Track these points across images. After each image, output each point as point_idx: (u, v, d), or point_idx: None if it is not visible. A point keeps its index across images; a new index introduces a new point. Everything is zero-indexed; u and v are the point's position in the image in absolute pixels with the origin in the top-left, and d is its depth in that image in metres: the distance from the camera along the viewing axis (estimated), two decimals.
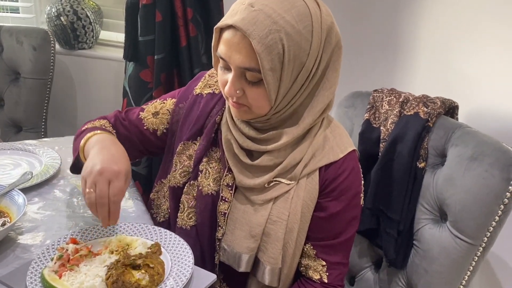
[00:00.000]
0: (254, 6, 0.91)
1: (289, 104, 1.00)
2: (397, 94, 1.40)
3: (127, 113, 1.25)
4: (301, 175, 1.05)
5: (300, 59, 0.94)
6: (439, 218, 1.26)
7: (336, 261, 1.09)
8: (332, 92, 1.03)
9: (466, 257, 1.18)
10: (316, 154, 1.05)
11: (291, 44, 0.91)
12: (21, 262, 1.00)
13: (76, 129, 1.24)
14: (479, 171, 1.15)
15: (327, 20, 0.97)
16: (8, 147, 1.48)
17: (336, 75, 1.03)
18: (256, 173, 1.06)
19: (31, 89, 2.29)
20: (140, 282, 0.90)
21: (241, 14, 0.91)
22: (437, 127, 1.29)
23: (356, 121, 1.44)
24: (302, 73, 0.96)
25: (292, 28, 0.91)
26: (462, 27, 1.61)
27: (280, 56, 0.91)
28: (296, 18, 0.92)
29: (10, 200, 1.13)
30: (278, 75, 0.93)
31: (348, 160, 1.07)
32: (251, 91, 0.97)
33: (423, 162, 1.29)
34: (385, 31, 1.88)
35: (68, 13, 2.39)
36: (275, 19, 0.90)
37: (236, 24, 0.90)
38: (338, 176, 1.05)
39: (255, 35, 0.89)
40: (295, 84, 0.97)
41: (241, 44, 0.92)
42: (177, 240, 1.05)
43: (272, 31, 0.90)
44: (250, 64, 0.92)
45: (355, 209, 1.08)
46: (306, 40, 0.93)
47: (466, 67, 1.60)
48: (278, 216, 1.04)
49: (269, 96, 0.95)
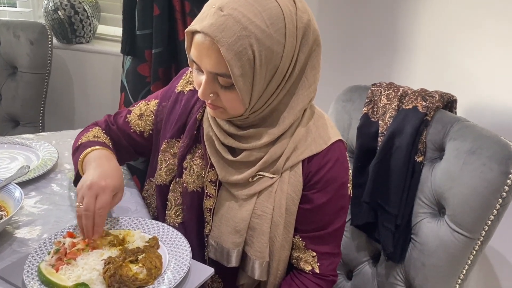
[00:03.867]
0: (223, 10, 0.88)
1: (265, 104, 0.98)
2: (395, 88, 1.39)
3: (115, 117, 1.26)
4: (284, 168, 1.04)
5: (273, 62, 0.92)
6: (437, 212, 1.26)
7: (326, 251, 1.09)
8: (312, 90, 1.01)
9: (464, 251, 1.18)
10: (298, 146, 1.04)
11: (262, 49, 0.89)
12: (18, 256, 1.00)
13: (73, 124, 1.25)
14: (478, 164, 1.15)
15: (303, 18, 0.94)
16: (5, 141, 1.47)
17: (315, 73, 1.01)
18: (239, 168, 1.05)
19: (28, 84, 2.28)
20: (138, 276, 0.90)
21: (210, 19, 0.89)
22: (435, 121, 1.28)
23: (354, 115, 1.44)
24: (277, 75, 0.94)
25: (263, 33, 0.89)
26: (461, 21, 1.61)
27: (250, 62, 0.89)
28: (267, 22, 0.89)
29: (7, 194, 1.12)
30: (250, 80, 0.92)
31: (332, 151, 1.05)
32: (224, 94, 0.95)
33: (421, 156, 1.28)
34: (383, 25, 1.88)
35: (66, 7, 2.38)
36: (244, 24, 0.87)
37: (204, 31, 0.89)
38: (321, 168, 1.04)
39: (223, 42, 0.87)
40: (270, 85, 0.95)
41: (211, 50, 0.90)
42: (174, 234, 1.05)
43: (242, 37, 0.87)
44: (221, 70, 0.91)
45: (342, 199, 1.07)
46: (279, 43, 0.91)
47: (464, 61, 1.60)
48: (262, 210, 1.04)
49: (242, 99, 0.94)
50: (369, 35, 1.94)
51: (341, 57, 2.14)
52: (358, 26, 1.95)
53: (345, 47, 2.09)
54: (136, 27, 1.86)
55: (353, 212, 1.41)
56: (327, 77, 2.29)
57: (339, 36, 2.13)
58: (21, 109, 2.31)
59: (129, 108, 1.24)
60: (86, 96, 2.63)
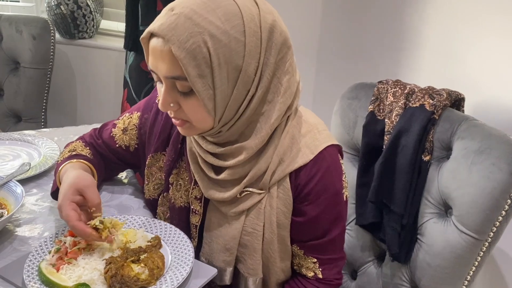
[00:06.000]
0: (174, 9, 0.85)
1: (237, 113, 0.92)
2: (402, 85, 1.37)
3: (101, 131, 1.20)
4: (271, 183, 0.98)
5: (233, 62, 0.86)
6: (444, 212, 1.24)
7: (327, 257, 1.05)
8: (288, 96, 0.94)
9: (471, 252, 1.16)
10: (284, 158, 0.98)
11: (218, 46, 0.84)
12: (18, 255, 0.98)
13: (76, 119, 1.23)
14: (486, 164, 1.13)
15: (268, 19, 0.88)
16: (6, 137, 1.46)
17: (290, 78, 0.94)
18: (224, 186, 1.00)
19: (30, 79, 2.27)
20: (140, 276, 0.89)
21: (161, 19, 0.85)
22: (443, 120, 1.26)
23: (360, 113, 1.42)
24: (242, 78, 0.88)
25: (217, 29, 0.84)
26: (468, 18, 1.58)
27: (206, 61, 0.84)
28: (222, 18, 0.84)
29: (8, 191, 1.11)
30: (209, 82, 0.86)
31: (321, 160, 0.98)
32: (185, 103, 0.89)
33: (428, 155, 1.26)
34: (390, 22, 1.86)
35: (68, 2, 2.36)
36: (196, 20, 0.83)
37: (154, 31, 0.85)
38: (310, 180, 0.98)
39: (174, 40, 0.83)
40: (236, 90, 0.89)
41: (164, 52, 0.85)
42: (177, 234, 1.03)
43: (194, 34, 0.83)
44: (176, 72, 0.86)
45: (337, 207, 1.02)
46: (237, 41, 0.85)
47: (472, 58, 1.58)
48: (252, 228, 1.00)
49: (205, 106, 0.88)
50: (376, 32, 1.92)
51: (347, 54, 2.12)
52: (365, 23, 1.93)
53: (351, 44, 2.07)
54: (139, 23, 1.84)
55: (358, 212, 1.39)
56: (332, 74, 2.28)
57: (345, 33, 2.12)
58: (23, 105, 2.30)
59: (114, 121, 1.19)
60: (88, 92, 2.62)
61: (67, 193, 0.98)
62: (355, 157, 1.44)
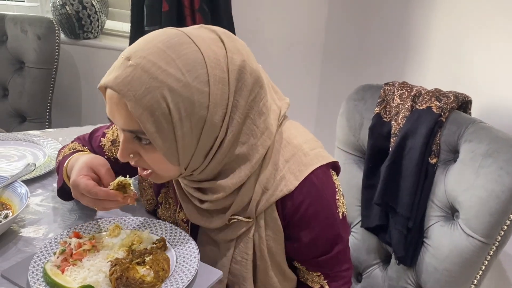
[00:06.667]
0: (131, 59, 0.79)
1: (206, 159, 0.87)
2: (409, 87, 1.36)
3: (91, 137, 1.17)
4: (257, 212, 0.93)
5: (197, 114, 0.81)
6: (450, 215, 1.23)
7: (331, 271, 1.02)
8: (267, 137, 0.89)
9: (478, 256, 1.15)
10: (267, 186, 0.92)
11: (178, 101, 0.79)
12: (23, 256, 0.98)
13: (80, 120, 1.23)
14: (494, 168, 1.12)
15: (236, 60, 0.83)
16: (11, 137, 1.46)
17: (265, 118, 0.88)
18: (210, 215, 0.97)
19: (35, 79, 2.27)
20: (145, 278, 0.88)
21: (116, 71, 0.80)
22: (449, 122, 1.25)
23: (366, 115, 1.41)
24: (207, 127, 0.83)
25: (178, 82, 0.78)
26: (475, 20, 1.57)
27: (166, 116, 0.79)
28: (183, 69, 0.79)
29: (13, 192, 1.11)
30: (170, 136, 0.81)
31: (308, 186, 0.92)
32: (146, 154, 0.85)
33: (435, 158, 1.25)
34: (396, 23, 1.85)
35: (74, 2, 2.36)
36: (154, 74, 0.78)
37: (108, 84, 0.80)
38: (298, 208, 0.92)
39: (130, 95, 0.78)
40: (202, 140, 0.84)
41: (120, 105, 0.80)
42: (182, 235, 1.03)
43: (151, 89, 0.77)
44: (134, 127, 0.81)
45: (333, 229, 0.96)
46: (200, 92, 0.80)
47: (479, 61, 1.57)
48: (241, 256, 0.97)
49: (167, 159, 0.84)
50: (382, 33, 1.91)
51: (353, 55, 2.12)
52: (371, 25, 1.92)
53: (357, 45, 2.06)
54: (144, 23, 1.84)
55: (364, 214, 1.38)
56: (338, 75, 2.27)
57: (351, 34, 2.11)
58: (28, 105, 2.29)
59: (104, 129, 1.14)
60: (93, 92, 2.61)
61: (82, 170, 0.96)
62: (361, 159, 1.44)
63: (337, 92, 2.13)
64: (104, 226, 1.04)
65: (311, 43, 2.27)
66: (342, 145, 1.47)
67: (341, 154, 1.47)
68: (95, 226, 1.03)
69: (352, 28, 2.08)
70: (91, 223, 1.04)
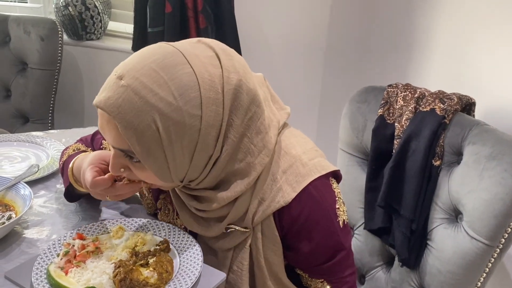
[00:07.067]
0: (123, 79, 0.79)
1: (202, 174, 0.87)
2: (412, 89, 1.36)
3: (93, 139, 1.17)
4: (254, 223, 0.92)
5: (188, 137, 0.81)
6: (454, 217, 1.23)
7: (334, 277, 1.01)
8: (264, 155, 0.88)
9: (482, 259, 1.15)
10: (264, 197, 0.91)
11: (169, 124, 0.79)
12: (26, 257, 0.98)
13: (83, 121, 1.23)
14: (498, 170, 1.11)
15: (232, 80, 0.83)
16: (14, 139, 1.46)
17: (263, 137, 0.88)
18: (206, 223, 0.96)
19: (38, 80, 2.27)
20: (149, 280, 0.88)
21: (108, 91, 0.80)
22: (453, 124, 1.25)
23: (369, 117, 1.41)
24: (200, 148, 0.83)
25: (169, 106, 0.78)
26: (479, 21, 1.57)
27: (156, 139, 0.79)
28: (175, 93, 0.78)
29: (16, 193, 1.11)
30: (161, 157, 0.81)
31: (306, 197, 0.90)
32: (136, 170, 0.86)
33: (439, 160, 1.25)
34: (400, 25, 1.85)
35: (77, 3, 2.36)
36: (145, 97, 0.77)
37: (99, 106, 0.81)
38: (295, 220, 0.91)
39: (120, 118, 0.78)
40: (195, 160, 0.84)
41: (110, 124, 0.81)
42: (185, 237, 1.02)
43: (142, 113, 0.77)
44: (123, 146, 0.82)
45: (333, 238, 0.94)
46: (192, 116, 0.80)
47: (483, 63, 1.56)
48: (237, 266, 0.96)
49: (158, 177, 0.84)
50: (385, 34, 1.91)
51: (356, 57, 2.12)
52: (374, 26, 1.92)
53: (360, 46, 2.06)
54: (147, 24, 1.84)
55: (367, 216, 1.38)
56: (341, 77, 2.27)
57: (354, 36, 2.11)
58: (30, 106, 2.30)
59: None
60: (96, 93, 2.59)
61: (93, 160, 0.96)
62: (364, 161, 1.43)
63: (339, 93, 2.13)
64: (107, 228, 1.04)
65: (314, 44, 2.27)
66: (345, 147, 1.47)
67: (344, 156, 1.47)
68: (98, 227, 1.03)
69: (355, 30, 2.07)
70: (95, 224, 1.04)
